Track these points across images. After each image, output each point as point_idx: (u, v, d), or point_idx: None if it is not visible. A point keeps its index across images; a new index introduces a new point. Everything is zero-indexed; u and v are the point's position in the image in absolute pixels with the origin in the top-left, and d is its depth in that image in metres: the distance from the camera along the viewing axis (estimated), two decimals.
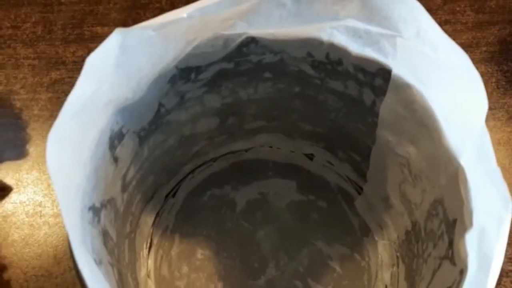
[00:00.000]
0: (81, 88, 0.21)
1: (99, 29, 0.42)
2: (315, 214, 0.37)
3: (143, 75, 0.25)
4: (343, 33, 0.26)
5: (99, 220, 0.25)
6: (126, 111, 0.25)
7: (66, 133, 0.21)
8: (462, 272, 0.23)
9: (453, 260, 0.25)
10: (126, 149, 0.28)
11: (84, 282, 0.19)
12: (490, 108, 0.41)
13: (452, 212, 0.26)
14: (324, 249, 0.36)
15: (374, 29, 0.25)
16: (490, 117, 0.41)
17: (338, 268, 0.36)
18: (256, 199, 0.37)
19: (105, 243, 0.26)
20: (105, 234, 0.26)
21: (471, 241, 0.23)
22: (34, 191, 0.37)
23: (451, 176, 0.25)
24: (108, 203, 0.27)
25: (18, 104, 0.40)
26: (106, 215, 0.27)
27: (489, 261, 0.21)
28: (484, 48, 0.43)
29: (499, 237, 0.21)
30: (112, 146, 0.26)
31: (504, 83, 0.42)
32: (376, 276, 0.35)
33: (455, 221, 0.25)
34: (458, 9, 0.44)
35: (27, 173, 0.38)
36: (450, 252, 0.26)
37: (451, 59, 0.24)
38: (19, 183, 0.37)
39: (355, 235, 0.37)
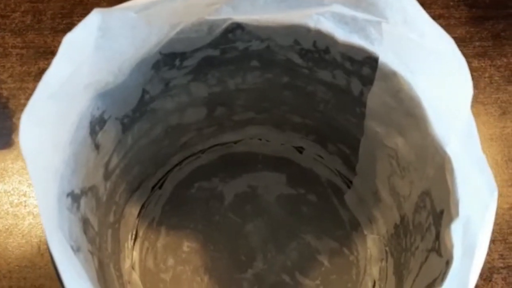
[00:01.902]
0: (58, 68, 0.21)
1: None
2: (305, 207, 0.37)
3: (125, 59, 0.24)
4: (330, 20, 0.25)
5: (78, 207, 0.25)
6: (108, 95, 0.25)
7: (42, 113, 0.20)
8: (448, 263, 0.22)
9: (440, 251, 0.24)
10: (108, 136, 0.27)
11: (56, 267, 0.18)
12: (482, 103, 0.41)
13: (439, 203, 0.25)
14: (312, 243, 0.36)
15: (360, 15, 0.24)
16: (483, 112, 0.40)
17: (326, 262, 0.35)
18: (245, 192, 0.37)
19: (85, 231, 0.26)
20: (85, 222, 0.26)
21: (457, 231, 0.22)
22: (19, 181, 0.37)
23: (438, 167, 0.25)
24: (89, 190, 0.26)
25: (5, 93, 0.39)
26: (87, 203, 0.26)
27: (473, 249, 0.21)
28: (478, 43, 0.42)
29: (484, 225, 0.21)
30: (93, 132, 0.25)
31: (497, 78, 0.41)
32: (365, 270, 0.35)
33: (442, 212, 0.25)
34: (452, 3, 0.43)
35: (12, 163, 0.37)
36: (436, 244, 0.25)
37: (438, 44, 0.23)
38: (4, 172, 0.37)
39: (344, 229, 0.36)
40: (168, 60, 0.27)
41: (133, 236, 0.35)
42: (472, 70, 0.23)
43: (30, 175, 0.19)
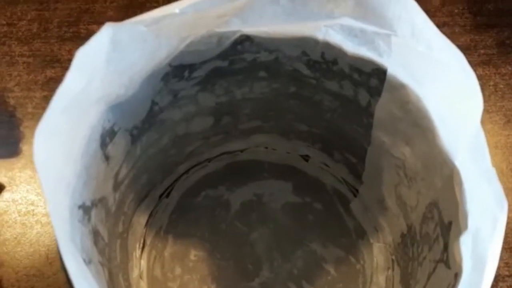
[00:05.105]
0: (71, 82, 0.21)
1: (95, 27, 0.42)
2: (311, 216, 0.37)
3: (135, 72, 0.24)
4: (338, 32, 0.25)
5: (89, 219, 0.25)
6: (118, 108, 0.25)
7: (55, 128, 0.21)
8: (457, 276, 0.23)
9: (448, 263, 0.25)
10: (118, 148, 0.27)
11: (70, 281, 0.19)
12: (487, 111, 0.41)
13: (448, 214, 0.26)
14: (319, 251, 0.36)
15: (369, 27, 0.25)
16: (488, 120, 0.40)
17: (332, 271, 0.35)
18: (251, 200, 0.37)
19: (95, 242, 0.26)
20: (95, 234, 0.26)
21: (466, 244, 0.22)
22: (27, 190, 0.37)
23: (446, 178, 0.25)
24: (99, 202, 0.27)
25: (12, 101, 0.39)
26: (97, 214, 0.26)
27: (483, 262, 0.21)
28: (482, 51, 0.42)
29: (494, 238, 0.21)
30: (103, 144, 0.25)
31: (502, 86, 0.41)
32: (371, 279, 0.35)
33: (450, 223, 0.25)
34: (456, 11, 0.44)
35: (20, 172, 0.37)
36: (445, 256, 0.25)
37: (446, 57, 0.23)
38: (12, 181, 0.37)
39: (350, 237, 0.36)
40: (177, 72, 0.27)
41: (141, 245, 0.35)
42: (476, 78, 0.24)
43: (43, 189, 0.19)
